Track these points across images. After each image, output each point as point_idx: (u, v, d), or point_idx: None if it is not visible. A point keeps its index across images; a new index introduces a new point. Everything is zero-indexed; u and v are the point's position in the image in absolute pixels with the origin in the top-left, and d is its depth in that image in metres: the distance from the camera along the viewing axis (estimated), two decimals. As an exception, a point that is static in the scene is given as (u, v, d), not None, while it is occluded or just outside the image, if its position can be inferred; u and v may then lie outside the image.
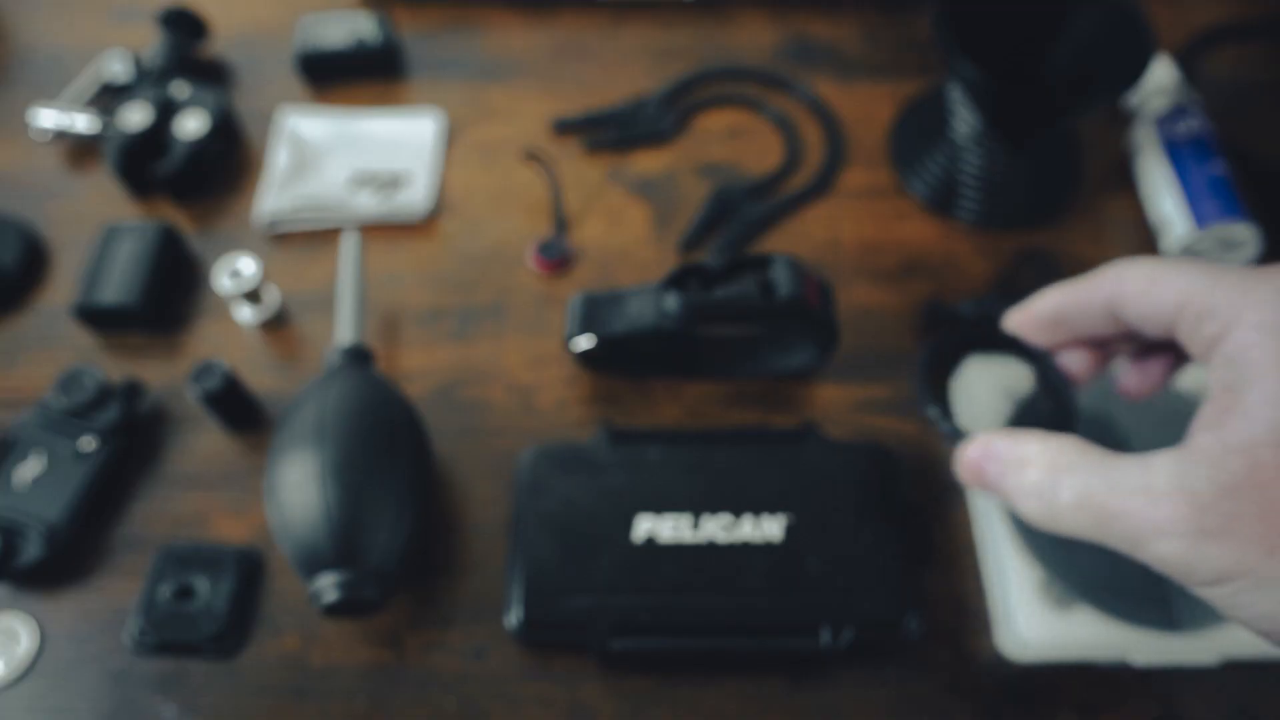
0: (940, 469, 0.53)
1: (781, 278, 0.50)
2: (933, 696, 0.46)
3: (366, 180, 0.65)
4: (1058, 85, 0.61)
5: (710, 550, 0.47)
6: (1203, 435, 0.29)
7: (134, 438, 0.53)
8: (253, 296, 0.57)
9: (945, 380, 0.40)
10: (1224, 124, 0.63)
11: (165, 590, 0.48)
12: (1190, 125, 0.63)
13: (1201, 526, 0.27)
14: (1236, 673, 0.46)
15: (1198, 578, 0.28)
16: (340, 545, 0.43)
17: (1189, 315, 0.31)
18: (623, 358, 0.54)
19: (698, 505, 0.48)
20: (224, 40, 0.72)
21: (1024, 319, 0.39)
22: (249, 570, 0.49)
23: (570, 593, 0.46)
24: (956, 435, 0.38)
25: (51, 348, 0.58)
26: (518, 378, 0.56)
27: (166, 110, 0.64)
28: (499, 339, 0.58)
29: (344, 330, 0.53)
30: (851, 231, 0.63)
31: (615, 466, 0.49)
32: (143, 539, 0.51)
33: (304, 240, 0.62)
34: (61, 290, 0.60)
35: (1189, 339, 0.31)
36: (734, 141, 0.68)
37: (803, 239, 0.63)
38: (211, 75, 0.70)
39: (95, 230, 0.61)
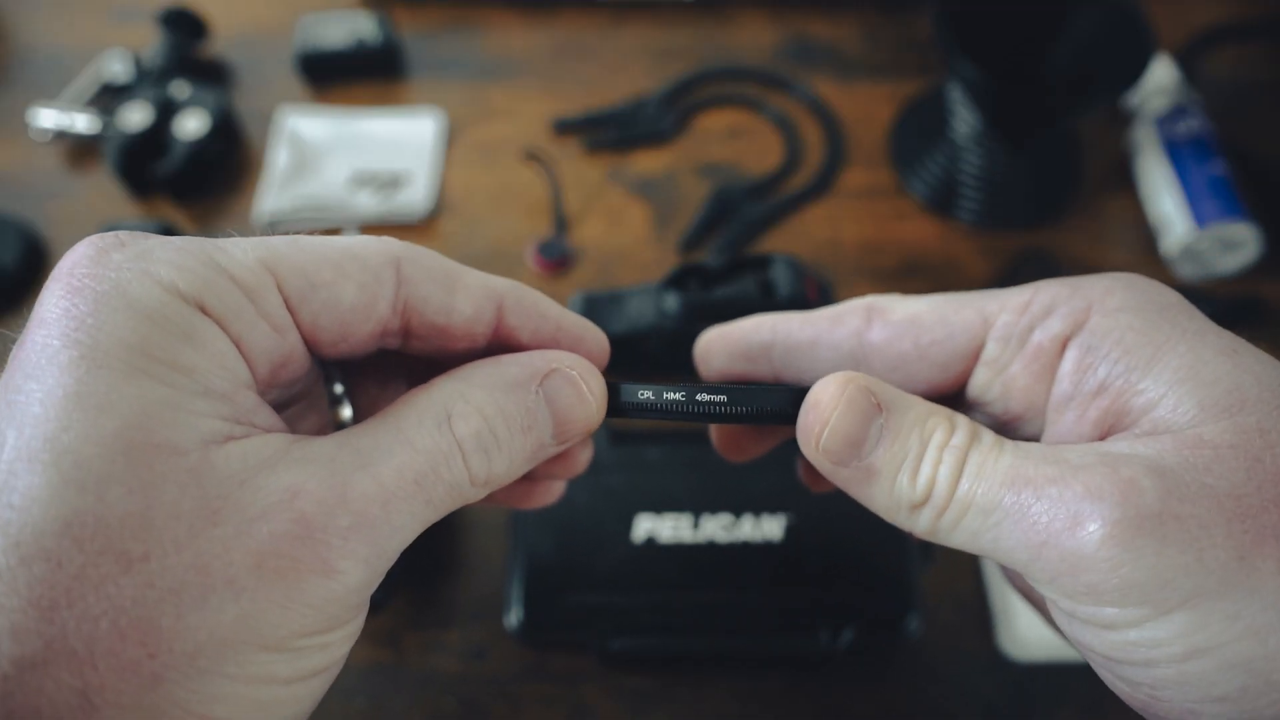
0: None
1: (781, 278, 0.50)
2: (933, 696, 0.46)
3: (366, 180, 0.65)
4: (1058, 85, 0.62)
5: (710, 550, 0.47)
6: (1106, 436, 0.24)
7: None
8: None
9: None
10: (1224, 124, 0.63)
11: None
12: (1190, 125, 0.63)
13: (1139, 506, 0.21)
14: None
15: (1130, 604, 0.21)
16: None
17: (1018, 321, 0.26)
18: (623, 358, 0.54)
19: (698, 505, 0.48)
20: (224, 40, 0.72)
21: (721, 343, 0.32)
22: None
23: (570, 593, 0.46)
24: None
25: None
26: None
27: (166, 110, 0.64)
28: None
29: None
30: (851, 231, 0.63)
31: (615, 466, 0.49)
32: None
33: (304, 240, 0.62)
34: (61, 290, 0.60)
35: (1002, 353, 0.26)
36: (734, 141, 0.68)
37: (803, 239, 0.63)
38: (211, 75, 0.70)
39: (95, 230, 0.61)
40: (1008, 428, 0.28)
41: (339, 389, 0.29)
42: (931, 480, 0.24)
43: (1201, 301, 0.58)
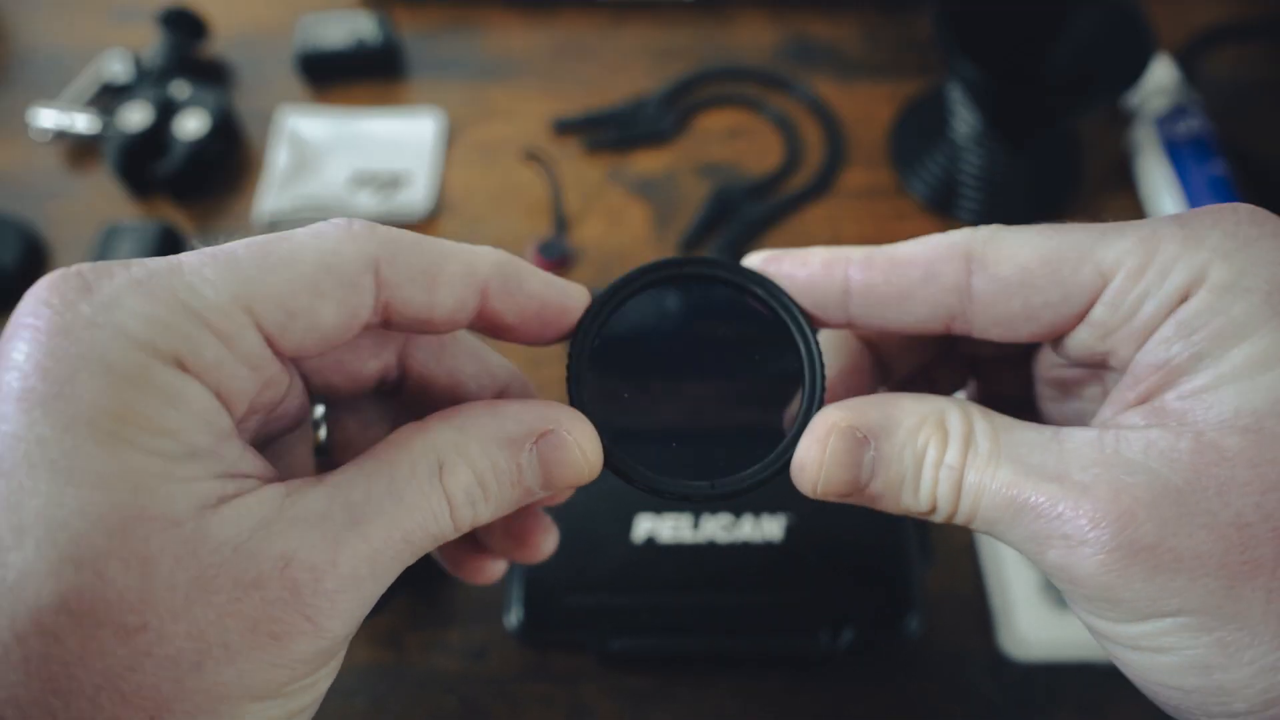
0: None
1: (781, 278, 0.50)
2: (933, 696, 0.46)
3: (366, 180, 0.65)
4: (1058, 85, 0.62)
5: (710, 550, 0.47)
6: (1133, 415, 0.23)
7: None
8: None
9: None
10: (1224, 124, 0.63)
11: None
12: (1190, 125, 0.63)
13: (1134, 539, 0.21)
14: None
15: (1116, 610, 0.22)
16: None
17: (1132, 289, 0.23)
18: (623, 357, 0.54)
19: (697, 505, 0.48)
20: (224, 40, 0.72)
21: (805, 272, 0.27)
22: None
23: (570, 592, 0.46)
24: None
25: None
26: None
27: (166, 110, 0.64)
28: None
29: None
30: (851, 231, 0.63)
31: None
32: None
33: (304, 240, 0.62)
34: (61, 290, 0.60)
35: (1110, 318, 0.24)
36: (734, 141, 0.68)
37: (803, 239, 0.63)
38: (211, 75, 0.70)
39: (95, 230, 0.61)
40: (1082, 377, 0.28)
41: (320, 411, 0.29)
42: (932, 496, 0.25)
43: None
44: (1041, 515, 0.22)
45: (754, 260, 0.29)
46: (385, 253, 0.24)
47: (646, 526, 0.47)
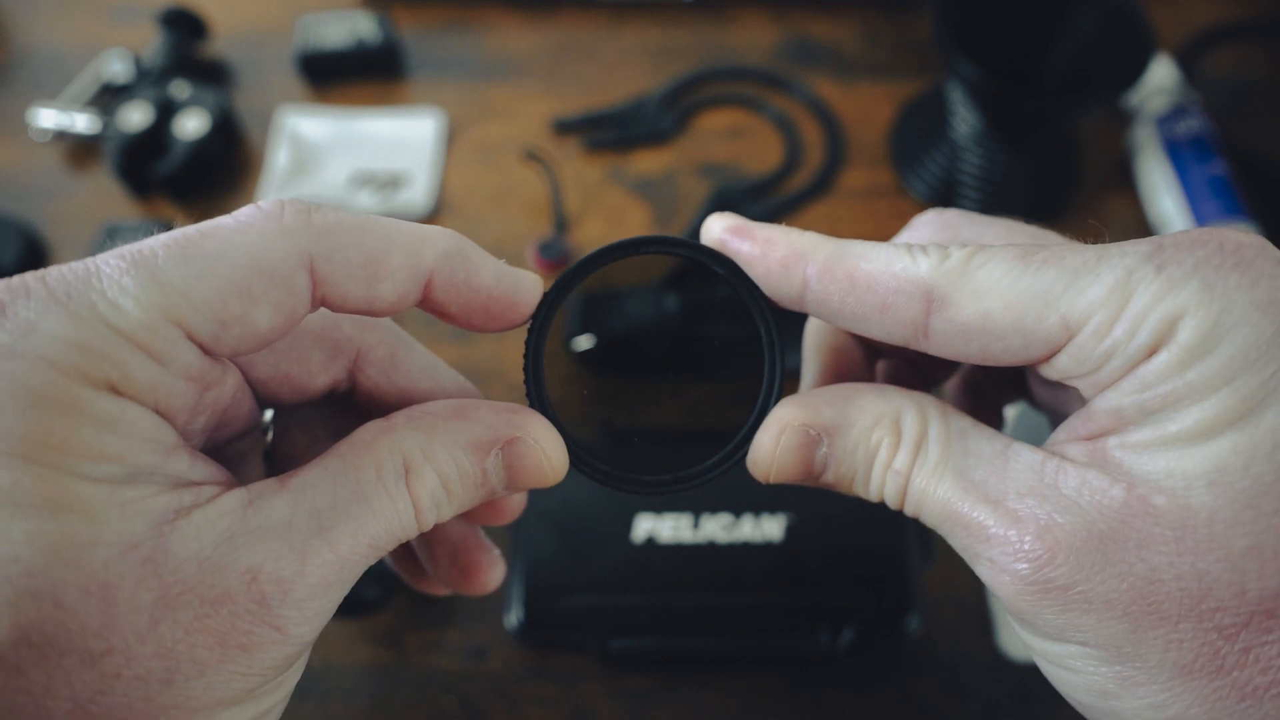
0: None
1: (781, 278, 0.50)
2: (933, 696, 0.46)
3: (366, 180, 0.65)
4: (1058, 85, 0.62)
5: (710, 550, 0.47)
6: (1078, 448, 0.24)
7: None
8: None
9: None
10: (1224, 124, 0.63)
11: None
12: (1190, 125, 0.63)
13: (1049, 578, 0.22)
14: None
15: (1033, 628, 0.24)
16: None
17: (1097, 347, 0.22)
18: (623, 358, 0.54)
19: (698, 505, 0.48)
20: (224, 40, 0.72)
21: (763, 265, 0.27)
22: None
23: (570, 593, 0.46)
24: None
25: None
26: (518, 378, 0.56)
27: (166, 110, 0.64)
28: (499, 339, 0.58)
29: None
30: (851, 231, 0.63)
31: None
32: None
33: (304, 240, 0.62)
34: (61, 290, 0.60)
35: (1073, 368, 0.23)
36: (734, 141, 0.68)
37: (803, 239, 0.63)
38: (211, 75, 0.70)
39: (95, 230, 0.61)
40: (1045, 394, 0.29)
41: (268, 415, 0.29)
42: (880, 493, 0.26)
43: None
44: (973, 534, 0.24)
45: (715, 228, 0.28)
46: (321, 247, 0.23)
47: (646, 526, 0.47)
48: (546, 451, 0.26)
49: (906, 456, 0.25)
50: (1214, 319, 0.21)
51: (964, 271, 0.24)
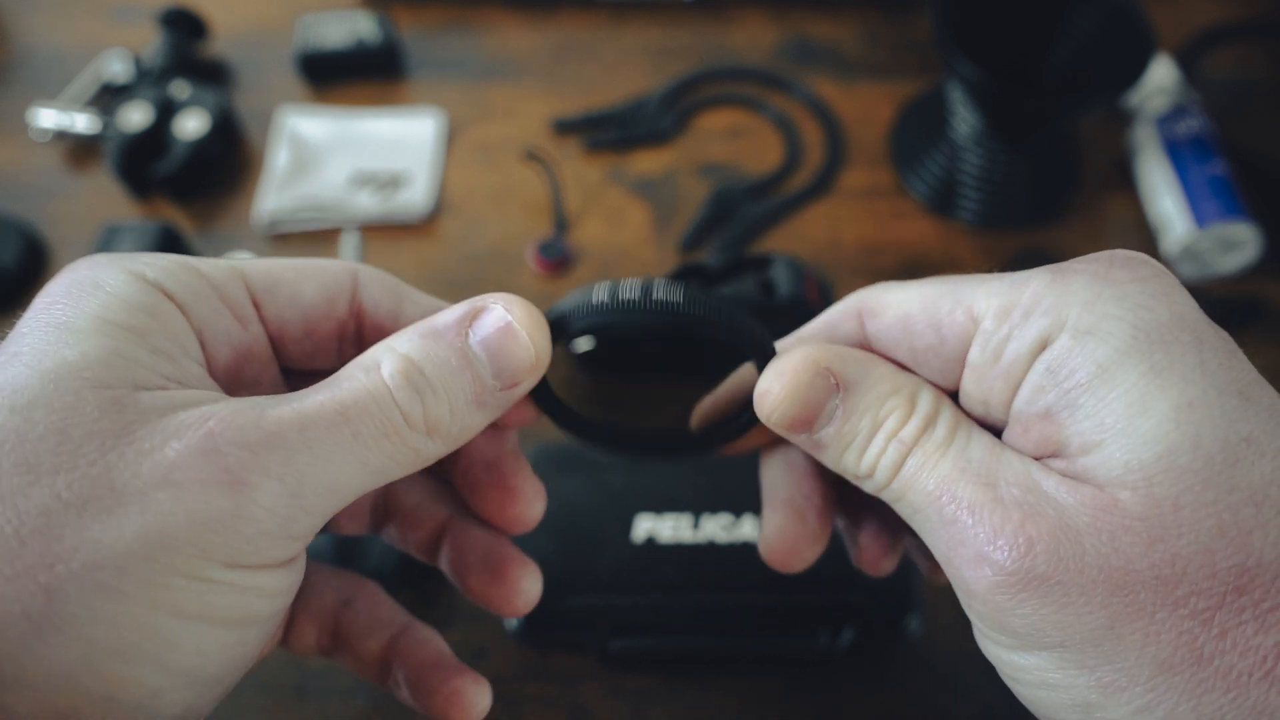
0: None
1: (781, 277, 0.50)
2: (933, 696, 0.46)
3: (366, 180, 0.65)
4: (1058, 85, 0.62)
5: (710, 550, 0.47)
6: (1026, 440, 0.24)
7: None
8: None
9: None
10: (1224, 124, 0.63)
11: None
12: (1190, 125, 0.63)
13: (1028, 567, 0.22)
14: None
15: (1005, 636, 0.24)
16: (340, 546, 0.43)
17: (997, 330, 0.24)
18: (623, 358, 0.54)
19: (698, 505, 0.48)
20: (224, 40, 0.72)
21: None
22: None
23: (570, 593, 0.46)
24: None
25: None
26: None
27: (166, 110, 0.64)
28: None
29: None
30: (851, 231, 0.63)
31: (615, 466, 0.49)
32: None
33: (304, 240, 0.62)
34: (61, 290, 0.60)
35: (981, 361, 0.25)
36: (734, 141, 0.68)
37: (803, 239, 0.63)
38: (211, 75, 0.70)
39: (95, 230, 0.61)
40: (994, 430, 0.28)
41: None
42: (874, 464, 0.25)
43: (1202, 302, 0.58)
44: (960, 515, 0.23)
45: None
46: (363, 269, 0.28)
47: (646, 527, 0.47)
48: (512, 310, 0.26)
49: (915, 428, 0.25)
50: (1105, 304, 0.23)
51: (884, 289, 0.27)
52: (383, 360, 0.24)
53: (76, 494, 0.20)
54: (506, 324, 0.25)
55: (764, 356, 0.27)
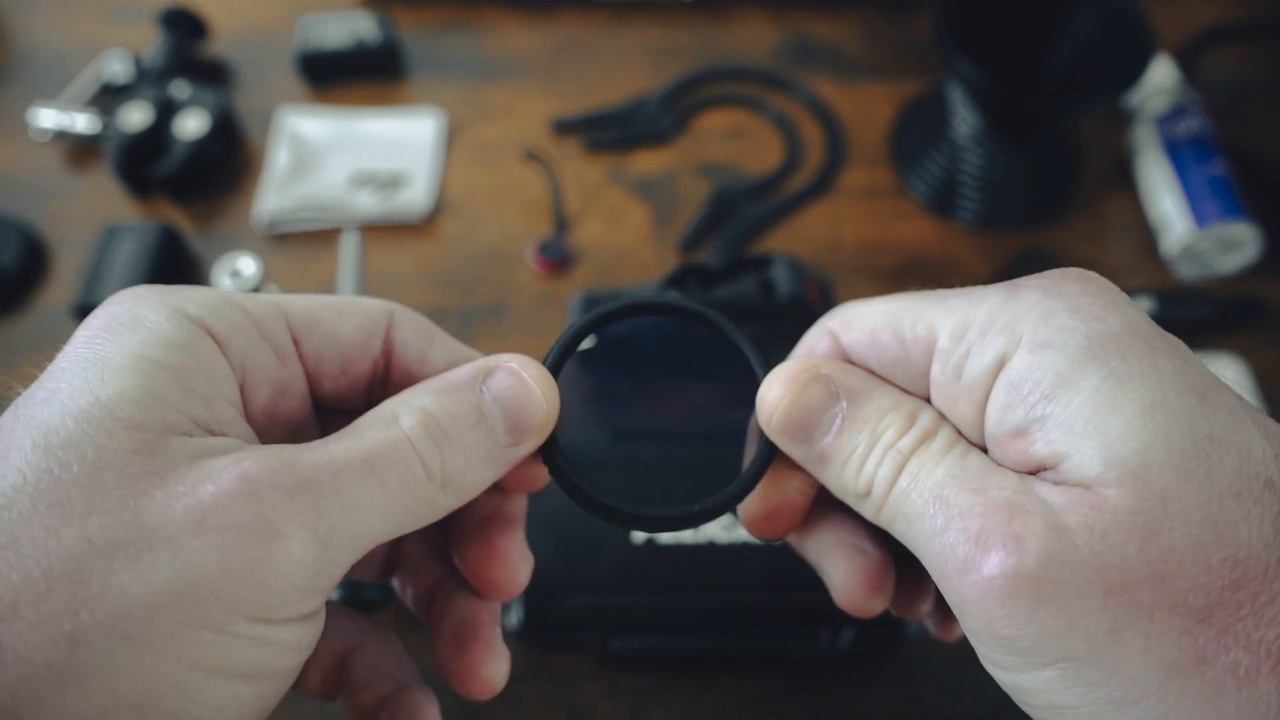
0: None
1: (781, 278, 0.50)
2: (933, 696, 0.46)
3: (366, 180, 0.65)
4: (1058, 85, 0.62)
5: (710, 550, 0.47)
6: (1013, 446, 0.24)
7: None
8: (253, 296, 0.57)
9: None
10: (1224, 124, 0.63)
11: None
12: (1190, 125, 0.63)
13: (1020, 568, 0.21)
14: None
15: (1005, 652, 0.23)
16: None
17: (954, 349, 0.25)
18: (623, 357, 0.54)
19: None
20: (224, 40, 0.72)
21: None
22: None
23: (570, 593, 0.46)
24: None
25: (51, 347, 0.58)
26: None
27: (166, 110, 0.64)
28: (499, 339, 0.58)
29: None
30: (851, 231, 0.63)
31: (615, 466, 0.49)
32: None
33: (304, 240, 0.62)
34: (61, 290, 0.60)
35: (943, 379, 0.25)
36: (734, 141, 0.68)
37: (803, 239, 0.63)
38: (211, 75, 0.70)
39: (95, 230, 0.61)
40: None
41: None
42: (872, 477, 0.25)
43: (1202, 302, 0.58)
44: (951, 519, 0.23)
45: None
46: (399, 309, 0.29)
47: (646, 526, 0.47)
48: (526, 369, 0.26)
49: (912, 440, 0.25)
50: (1058, 317, 0.23)
51: (851, 305, 0.28)
52: (400, 413, 0.25)
53: (107, 538, 0.19)
54: (520, 379, 0.26)
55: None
